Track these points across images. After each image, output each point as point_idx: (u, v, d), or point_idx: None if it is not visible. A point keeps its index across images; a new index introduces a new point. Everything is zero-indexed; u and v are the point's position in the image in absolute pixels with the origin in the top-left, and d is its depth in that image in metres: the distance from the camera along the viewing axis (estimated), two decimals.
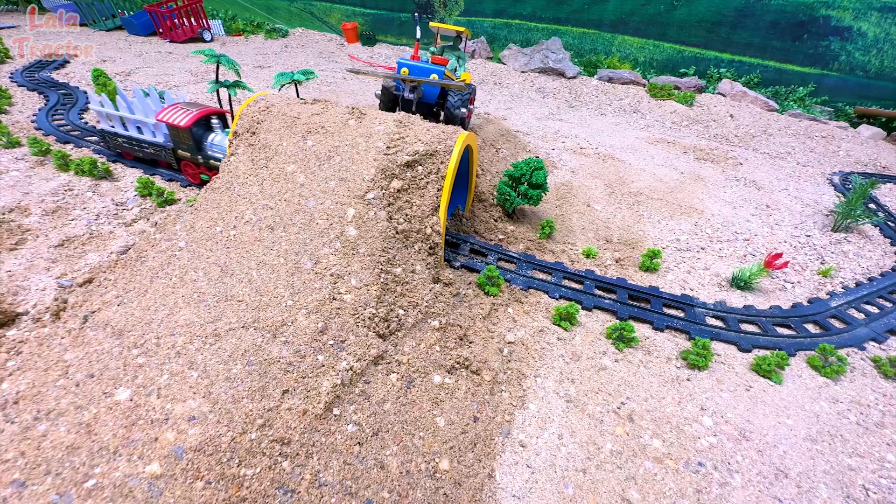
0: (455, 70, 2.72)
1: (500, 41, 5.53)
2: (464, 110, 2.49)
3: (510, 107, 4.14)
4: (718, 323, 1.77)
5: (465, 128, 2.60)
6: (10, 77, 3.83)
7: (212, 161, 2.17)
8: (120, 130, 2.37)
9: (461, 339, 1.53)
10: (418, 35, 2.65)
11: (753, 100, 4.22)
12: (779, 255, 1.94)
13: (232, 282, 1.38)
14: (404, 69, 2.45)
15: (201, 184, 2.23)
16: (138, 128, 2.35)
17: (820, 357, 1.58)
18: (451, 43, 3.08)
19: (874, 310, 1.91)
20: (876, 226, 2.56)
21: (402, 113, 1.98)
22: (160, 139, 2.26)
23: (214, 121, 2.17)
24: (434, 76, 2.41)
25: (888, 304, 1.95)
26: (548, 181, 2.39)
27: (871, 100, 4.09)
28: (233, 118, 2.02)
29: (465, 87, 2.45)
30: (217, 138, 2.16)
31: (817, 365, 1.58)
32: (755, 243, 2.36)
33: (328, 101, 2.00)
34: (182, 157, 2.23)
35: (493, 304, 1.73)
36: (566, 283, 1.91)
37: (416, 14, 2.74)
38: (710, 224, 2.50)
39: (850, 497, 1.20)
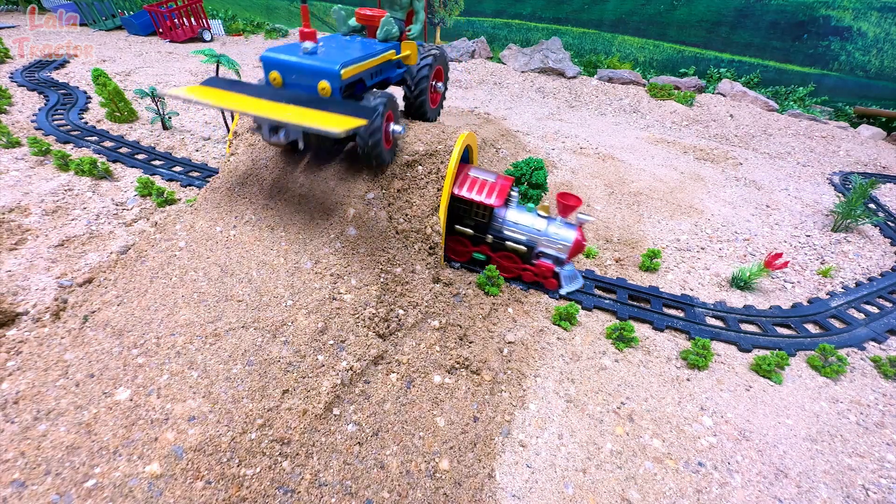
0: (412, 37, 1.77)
1: (500, 41, 5.53)
2: (399, 129, 1.52)
3: (510, 107, 4.14)
4: (718, 323, 1.77)
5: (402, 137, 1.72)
6: (9, 77, 3.83)
7: (506, 242, 1.75)
8: None
9: (461, 339, 1.53)
10: None
11: (753, 100, 4.22)
12: (779, 255, 1.94)
13: (232, 282, 1.38)
14: (273, 73, 1.40)
15: (467, 262, 1.88)
16: None
17: (820, 357, 1.58)
18: None
19: (874, 310, 1.91)
20: (876, 226, 2.56)
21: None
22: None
23: (514, 192, 1.77)
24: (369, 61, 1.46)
25: (888, 304, 1.95)
26: (548, 181, 2.39)
27: (871, 100, 4.09)
28: (233, 118, 2.02)
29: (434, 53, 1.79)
30: (513, 214, 1.73)
31: (817, 365, 1.58)
32: (755, 243, 2.36)
33: None
34: (458, 231, 1.82)
35: (493, 304, 1.73)
36: None
37: None
38: (710, 224, 2.50)
39: (850, 497, 1.20)
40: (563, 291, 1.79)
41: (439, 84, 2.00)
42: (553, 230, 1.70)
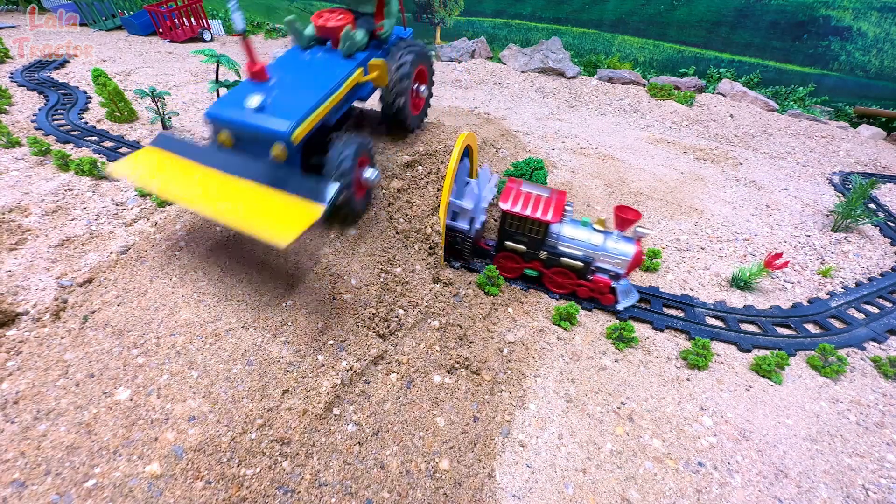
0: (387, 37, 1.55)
1: (500, 41, 5.52)
2: (372, 175, 1.36)
3: (510, 107, 4.13)
4: (718, 323, 1.77)
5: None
6: (9, 77, 3.83)
7: (562, 259, 1.70)
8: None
9: (461, 339, 1.53)
10: (238, 24, 1.23)
11: (753, 100, 4.22)
12: (779, 255, 1.94)
13: (232, 282, 1.38)
14: (222, 133, 1.27)
15: (517, 278, 1.84)
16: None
17: (820, 357, 1.58)
18: None
19: (874, 310, 1.91)
20: (876, 226, 2.56)
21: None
22: (462, 225, 1.78)
23: (569, 207, 1.72)
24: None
25: (888, 304, 1.95)
26: (548, 181, 2.39)
27: (871, 100, 4.09)
28: None
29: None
30: (568, 230, 1.68)
31: (817, 365, 1.58)
32: (755, 243, 2.36)
33: None
34: (509, 248, 1.76)
35: (493, 304, 1.73)
36: None
37: None
38: (710, 224, 2.50)
39: (850, 497, 1.20)
40: (620, 307, 1.73)
41: (422, 87, 1.69)
42: (611, 245, 1.65)
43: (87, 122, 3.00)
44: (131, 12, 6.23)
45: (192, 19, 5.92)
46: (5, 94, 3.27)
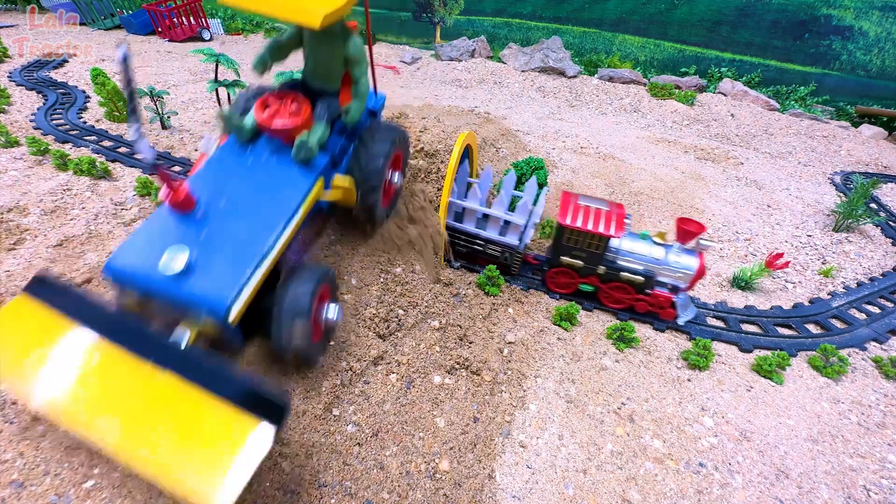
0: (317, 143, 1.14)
1: (501, 40, 5.51)
2: (335, 317, 1.13)
3: (510, 106, 4.13)
4: (719, 323, 1.77)
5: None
6: (8, 76, 3.82)
7: (621, 273, 1.65)
8: (452, 223, 1.83)
9: (461, 339, 1.53)
10: (147, 154, 0.82)
11: (754, 99, 4.21)
12: (780, 255, 1.94)
13: None
14: (128, 296, 0.95)
15: (572, 294, 1.79)
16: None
17: (821, 357, 1.58)
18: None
19: (875, 310, 1.91)
20: (877, 226, 2.55)
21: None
22: (512, 240, 1.74)
23: (627, 219, 1.68)
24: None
25: (889, 305, 1.94)
26: (548, 181, 2.38)
27: (873, 99, 4.08)
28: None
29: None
30: (628, 243, 1.64)
31: (819, 365, 1.58)
32: (756, 243, 2.36)
33: None
34: (565, 263, 1.70)
35: (493, 304, 1.72)
36: None
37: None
38: (710, 224, 2.49)
39: (852, 497, 1.20)
40: (681, 321, 1.68)
41: (396, 175, 1.43)
42: (673, 258, 1.60)
43: (85, 122, 3.00)
44: (130, 11, 6.22)
45: (191, 18, 5.91)
46: (4, 94, 3.26)
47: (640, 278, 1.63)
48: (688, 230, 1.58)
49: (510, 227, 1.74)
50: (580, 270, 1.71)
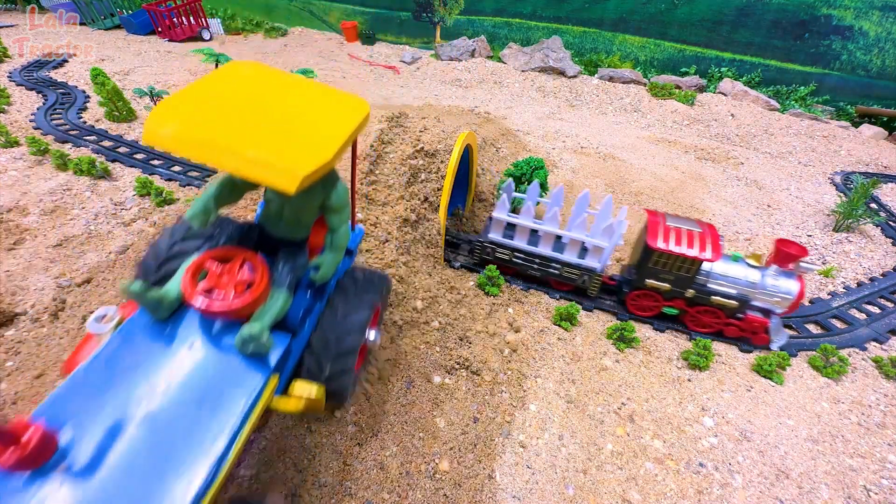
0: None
1: (501, 40, 5.51)
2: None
3: (510, 106, 4.12)
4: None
5: None
6: (8, 76, 3.82)
7: (712, 297, 1.58)
8: (518, 244, 1.74)
9: (461, 340, 1.53)
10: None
11: (755, 99, 4.20)
12: None
13: None
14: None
15: (655, 317, 1.72)
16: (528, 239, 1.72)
17: (821, 357, 1.58)
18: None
19: (875, 310, 1.91)
20: (877, 226, 2.55)
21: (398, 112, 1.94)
22: (592, 262, 1.66)
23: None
24: None
25: (889, 305, 1.94)
26: (548, 180, 2.38)
27: (873, 99, 4.08)
28: None
29: None
30: (720, 266, 1.57)
31: (819, 365, 1.58)
32: (756, 243, 2.35)
33: None
34: (650, 286, 1.63)
35: (493, 304, 1.72)
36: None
37: None
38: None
39: (852, 497, 1.20)
40: (774, 346, 1.62)
41: (373, 333, 1.12)
42: (771, 281, 1.53)
43: (85, 122, 3.00)
44: (130, 11, 6.22)
45: (191, 18, 5.91)
46: (4, 94, 3.26)
47: (734, 302, 1.55)
48: (788, 252, 1.50)
49: (592, 251, 1.64)
50: (666, 293, 1.63)
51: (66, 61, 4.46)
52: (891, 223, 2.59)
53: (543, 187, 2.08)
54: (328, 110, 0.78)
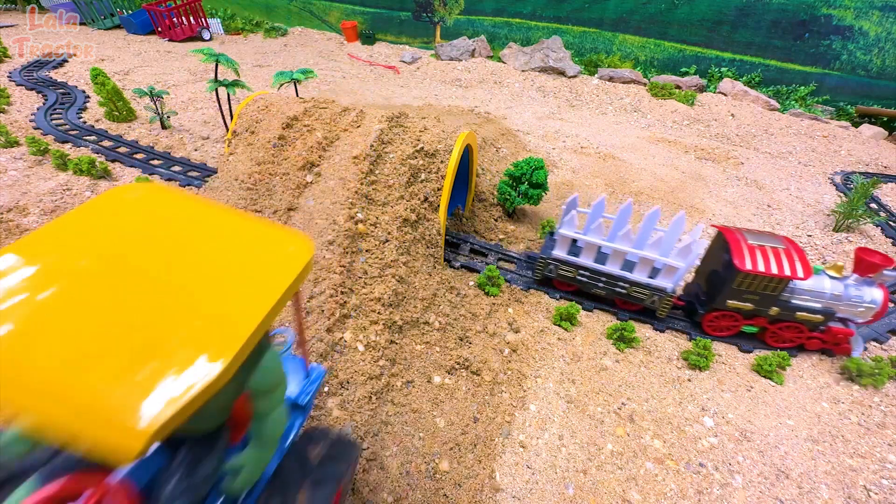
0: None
1: (501, 40, 5.51)
2: None
3: (510, 106, 4.12)
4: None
5: None
6: (8, 76, 3.82)
7: (796, 313, 1.54)
8: (585, 262, 1.66)
9: (461, 340, 1.53)
10: None
11: (755, 99, 4.20)
12: None
13: None
14: None
15: (735, 335, 1.67)
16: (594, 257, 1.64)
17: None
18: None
19: None
20: (877, 226, 2.55)
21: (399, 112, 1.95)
22: (664, 282, 1.58)
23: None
24: None
25: (889, 305, 1.94)
26: (548, 180, 2.38)
27: (873, 99, 4.08)
28: (232, 117, 2.01)
29: None
30: (810, 282, 1.52)
31: (853, 372, 1.56)
32: None
33: (327, 100, 1.99)
34: (731, 307, 1.57)
35: (493, 304, 1.72)
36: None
37: None
38: (711, 224, 2.49)
39: (852, 497, 1.20)
40: (856, 354, 1.61)
41: None
42: (854, 292, 1.51)
43: (85, 122, 2.99)
44: (130, 11, 6.22)
45: (191, 18, 5.91)
46: (4, 94, 3.26)
47: (819, 317, 1.52)
48: (871, 262, 1.47)
49: (665, 271, 1.57)
50: (747, 313, 1.58)
51: (66, 61, 4.46)
52: (891, 223, 2.59)
53: (544, 187, 2.08)
54: (239, 273, 0.52)
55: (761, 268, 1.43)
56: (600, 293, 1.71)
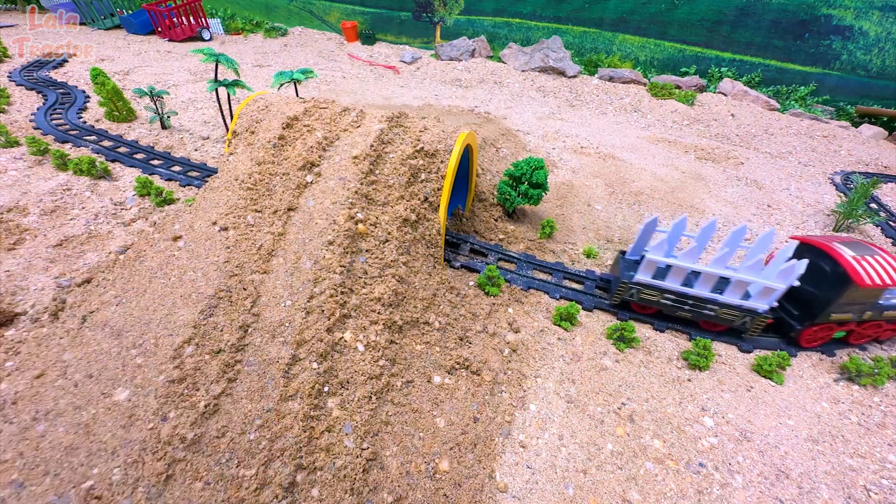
0: None
1: (501, 40, 5.51)
2: None
3: (510, 106, 4.12)
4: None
5: None
6: (8, 76, 3.82)
7: (885, 313, 1.56)
8: (674, 286, 1.60)
9: (461, 340, 1.53)
10: None
11: (755, 99, 4.21)
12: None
13: (231, 283, 1.37)
14: None
15: (826, 343, 1.67)
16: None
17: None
18: None
19: None
20: (877, 226, 2.55)
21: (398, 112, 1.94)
22: (759, 304, 1.54)
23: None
24: None
25: None
26: (548, 181, 2.38)
27: (873, 99, 4.08)
28: (232, 117, 2.01)
29: None
30: None
31: (852, 372, 1.57)
32: None
33: (327, 100, 1.99)
34: (834, 320, 1.57)
35: (493, 304, 1.72)
36: (567, 283, 1.90)
37: None
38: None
39: (852, 497, 1.20)
40: None
41: None
42: None
43: (85, 122, 3.00)
44: (130, 11, 6.22)
45: (191, 18, 5.91)
46: (4, 94, 3.26)
47: None
48: None
49: (763, 293, 1.52)
50: (844, 321, 1.58)
51: (66, 61, 4.46)
52: (891, 223, 2.59)
53: (544, 187, 2.08)
54: None
55: (878, 280, 1.43)
56: (685, 316, 1.66)
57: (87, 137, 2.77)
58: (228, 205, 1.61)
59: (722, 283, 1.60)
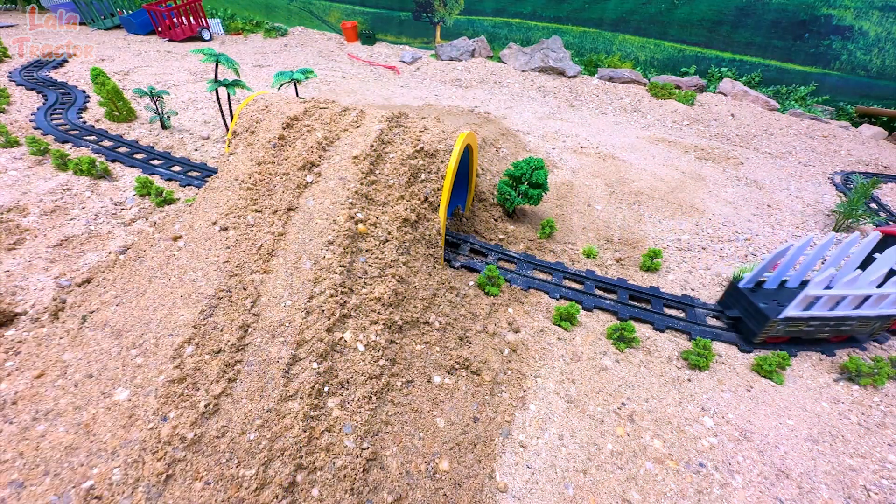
0: None
1: (501, 40, 5.51)
2: None
3: (510, 106, 4.12)
4: (719, 323, 1.77)
5: None
6: (8, 76, 3.82)
7: None
8: (825, 313, 1.56)
9: (461, 340, 1.53)
10: None
11: (755, 99, 4.21)
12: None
13: (231, 282, 1.38)
14: None
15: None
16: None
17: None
18: None
19: None
20: (877, 226, 2.55)
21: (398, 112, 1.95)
22: (892, 309, 1.56)
23: None
24: None
25: None
26: (548, 181, 2.38)
27: (873, 99, 4.08)
28: (232, 117, 2.01)
29: None
30: None
31: (852, 372, 1.57)
32: (756, 243, 2.35)
33: (327, 100, 1.99)
34: None
35: (493, 304, 1.72)
36: (566, 283, 1.90)
37: None
38: (711, 224, 2.49)
39: (852, 497, 1.20)
40: None
41: None
42: None
43: (85, 122, 3.00)
44: (130, 11, 6.22)
45: (191, 18, 5.91)
46: (4, 94, 3.26)
47: None
48: None
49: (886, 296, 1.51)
50: None
51: (66, 61, 4.46)
52: (891, 223, 2.59)
53: (544, 187, 2.08)
54: None
55: None
56: (824, 336, 1.64)
57: (88, 137, 2.77)
58: (228, 205, 1.61)
59: (876, 298, 1.56)
